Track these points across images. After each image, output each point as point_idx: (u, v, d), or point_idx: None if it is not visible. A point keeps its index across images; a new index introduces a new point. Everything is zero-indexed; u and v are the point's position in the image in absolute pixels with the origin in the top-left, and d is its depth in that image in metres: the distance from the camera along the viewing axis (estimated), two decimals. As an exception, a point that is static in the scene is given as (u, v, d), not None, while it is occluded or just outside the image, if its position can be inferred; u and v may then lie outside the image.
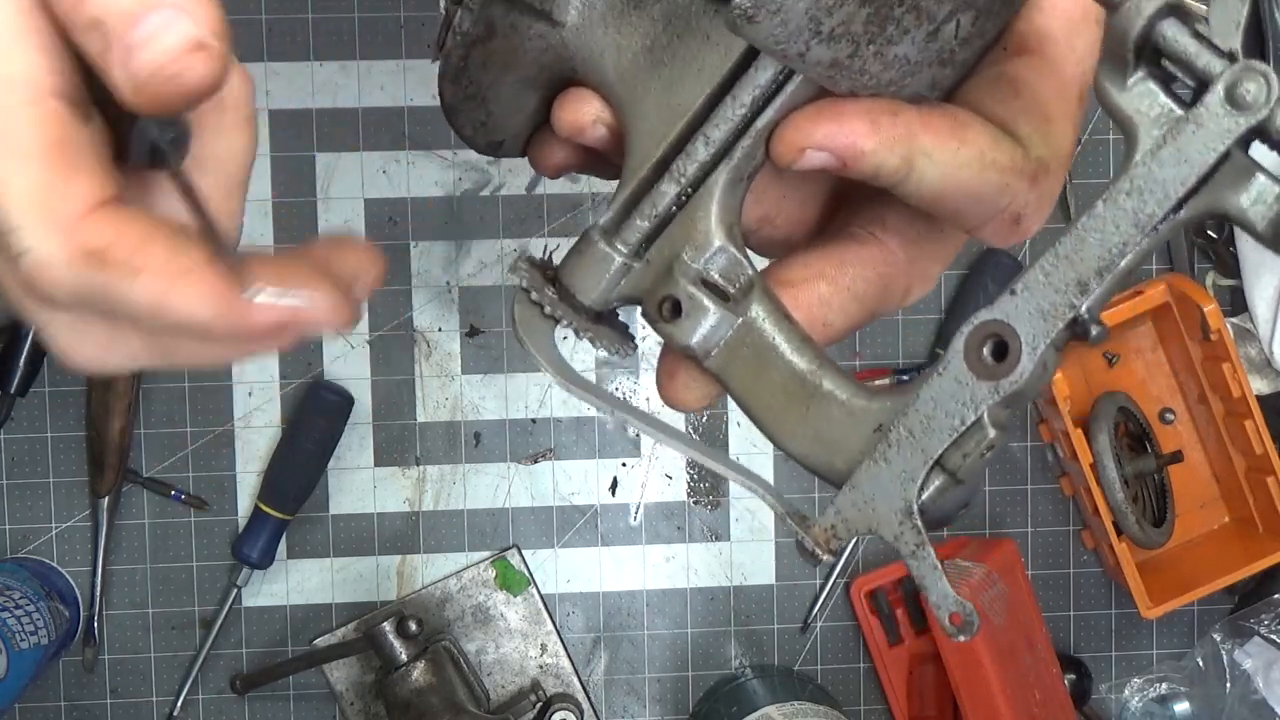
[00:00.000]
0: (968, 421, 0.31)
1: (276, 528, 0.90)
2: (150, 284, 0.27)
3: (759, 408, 0.34)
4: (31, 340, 0.86)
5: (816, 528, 0.33)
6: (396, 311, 0.92)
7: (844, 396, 0.33)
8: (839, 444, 0.33)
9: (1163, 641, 0.97)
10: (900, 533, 0.32)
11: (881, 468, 0.32)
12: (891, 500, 0.32)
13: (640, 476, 0.94)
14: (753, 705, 0.89)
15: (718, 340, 0.34)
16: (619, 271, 0.34)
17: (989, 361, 0.30)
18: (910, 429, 0.31)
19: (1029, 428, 0.96)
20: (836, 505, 0.33)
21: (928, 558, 0.31)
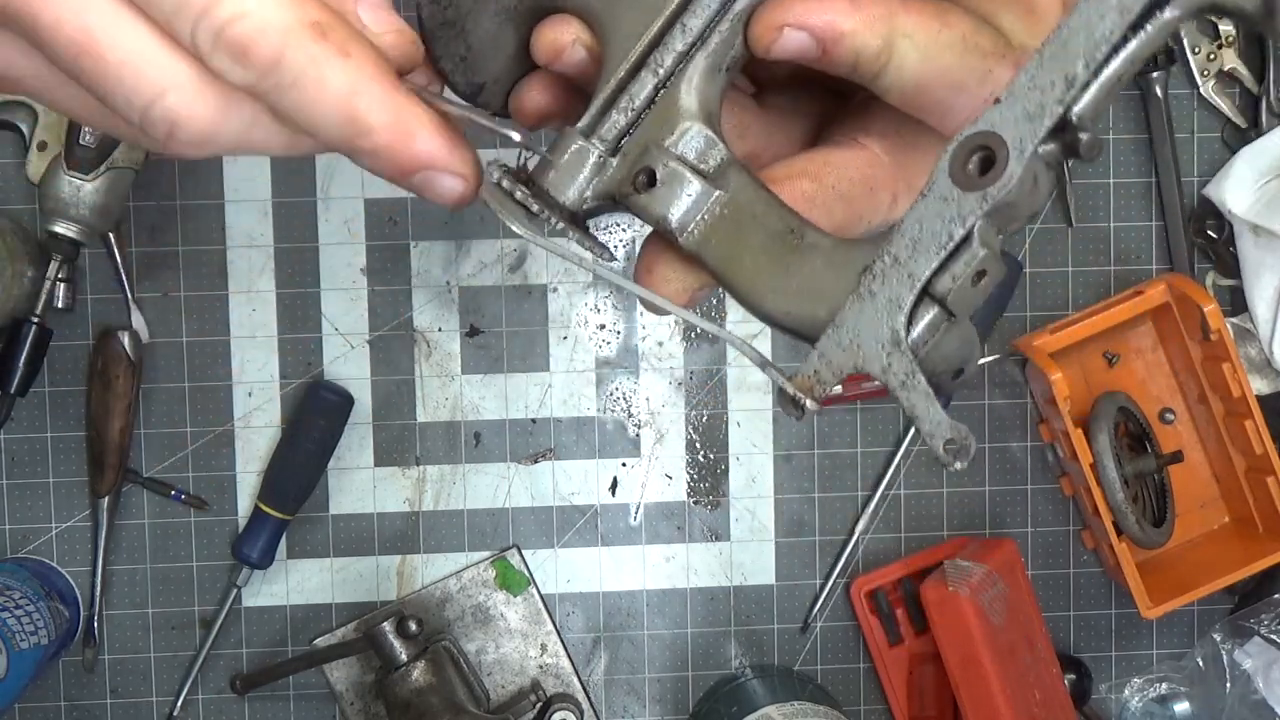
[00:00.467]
0: (955, 237, 0.29)
1: (276, 528, 0.90)
2: (351, 72, 0.29)
3: (739, 275, 0.33)
4: (32, 340, 0.86)
5: (799, 376, 0.31)
6: (396, 311, 0.92)
7: (827, 244, 0.32)
8: (823, 292, 0.31)
9: (1163, 641, 0.97)
10: (888, 364, 0.30)
11: (866, 301, 0.30)
12: (878, 332, 0.30)
13: (640, 476, 0.94)
14: (753, 705, 0.89)
15: (695, 214, 0.33)
16: (594, 167, 0.33)
17: (975, 175, 0.29)
18: (895, 255, 0.30)
19: (1029, 428, 0.96)
20: (819, 349, 0.31)
21: (919, 385, 0.30)
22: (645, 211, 0.33)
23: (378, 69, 0.29)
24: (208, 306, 0.91)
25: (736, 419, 0.94)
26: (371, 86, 0.29)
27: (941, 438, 0.30)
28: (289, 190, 0.91)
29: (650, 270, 0.34)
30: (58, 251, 0.86)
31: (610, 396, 0.94)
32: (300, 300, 0.92)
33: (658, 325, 0.94)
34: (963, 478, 0.96)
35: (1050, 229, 0.95)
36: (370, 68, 0.29)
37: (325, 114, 0.29)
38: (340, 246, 0.92)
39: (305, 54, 0.28)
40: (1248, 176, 0.92)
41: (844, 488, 0.95)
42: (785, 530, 0.95)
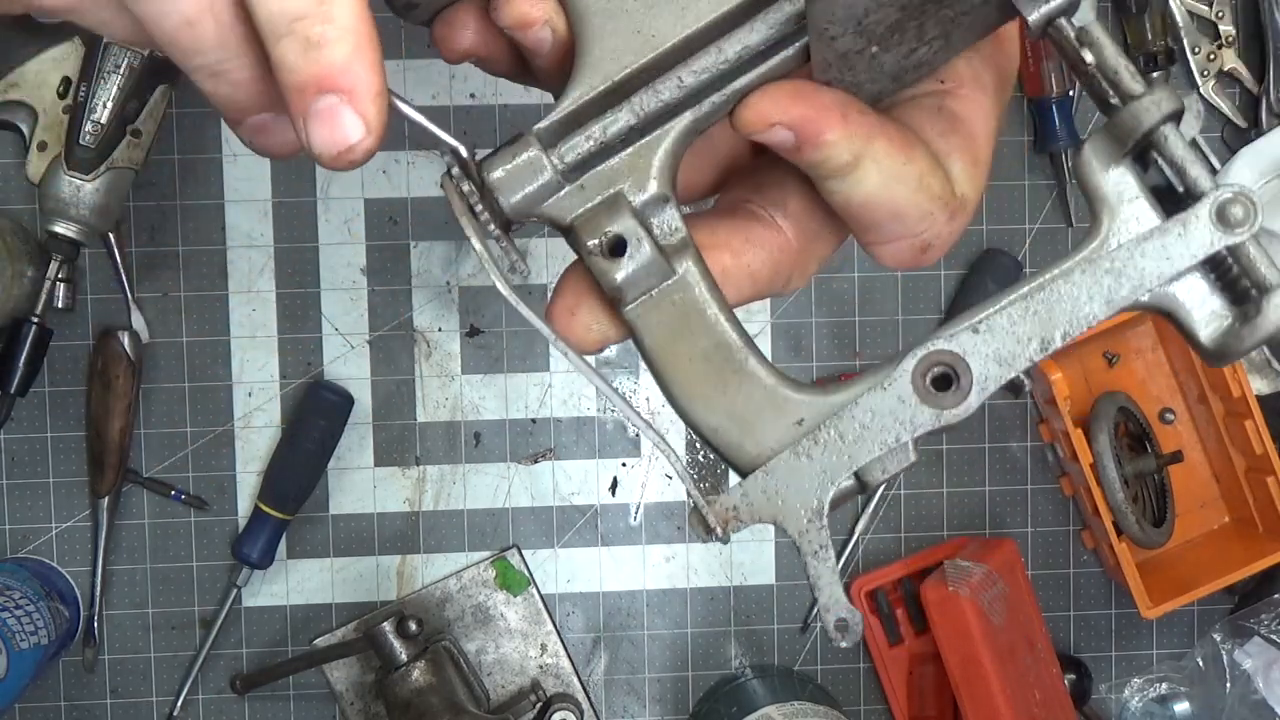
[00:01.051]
0: (901, 440, 0.31)
1: (276, 528, 0.90)
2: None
3: (673, 370, 0.33)
4: (32, 340, 0.86)
5: (718, 505, 0.32)
6: (396, 311, 0.92)
7: (769, 381, 0.32)
8: (754, 427, 0.32)
9: (1163, 641, 0.97)
10: (806, 530, 0.32)
11: (802, 463, 0.32)
12: (804, 496, 0.32)
13: (640, 476, 0.94)
14: (753, 705, 0.89)
15: (646, 289, 0.32)
16: (548, 186, 0.32)
17: (931, 389, 0.31)
18: (842, 433, 0.31)
19: (1029, 428, 0.96)
20: (745, 488, 0.32)
21: (828, 560, 0.32)
22: (603, 276, 0.32)
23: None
24: (208, 306, 0.91)
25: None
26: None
27: (835, 614, 0.32)
28: (289, 190, 0.91)
29: (573, 311, 0.34)
30: (58, 251, 0.86)
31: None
32: (300, 300, 0.91)
33: (658, 325, 0.94)
34: (963, 478, 0.96)
35: (1050, 229, 0.95)
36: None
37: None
38: (340, 246, 0.92)
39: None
40: (1248, 176, 0.92)
41: (844, 488, 0.95)
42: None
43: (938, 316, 0.95)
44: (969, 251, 0.94)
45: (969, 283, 0.93)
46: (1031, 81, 0.92)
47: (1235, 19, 0.94)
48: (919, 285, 0.94)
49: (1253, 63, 0.94)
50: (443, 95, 0.91)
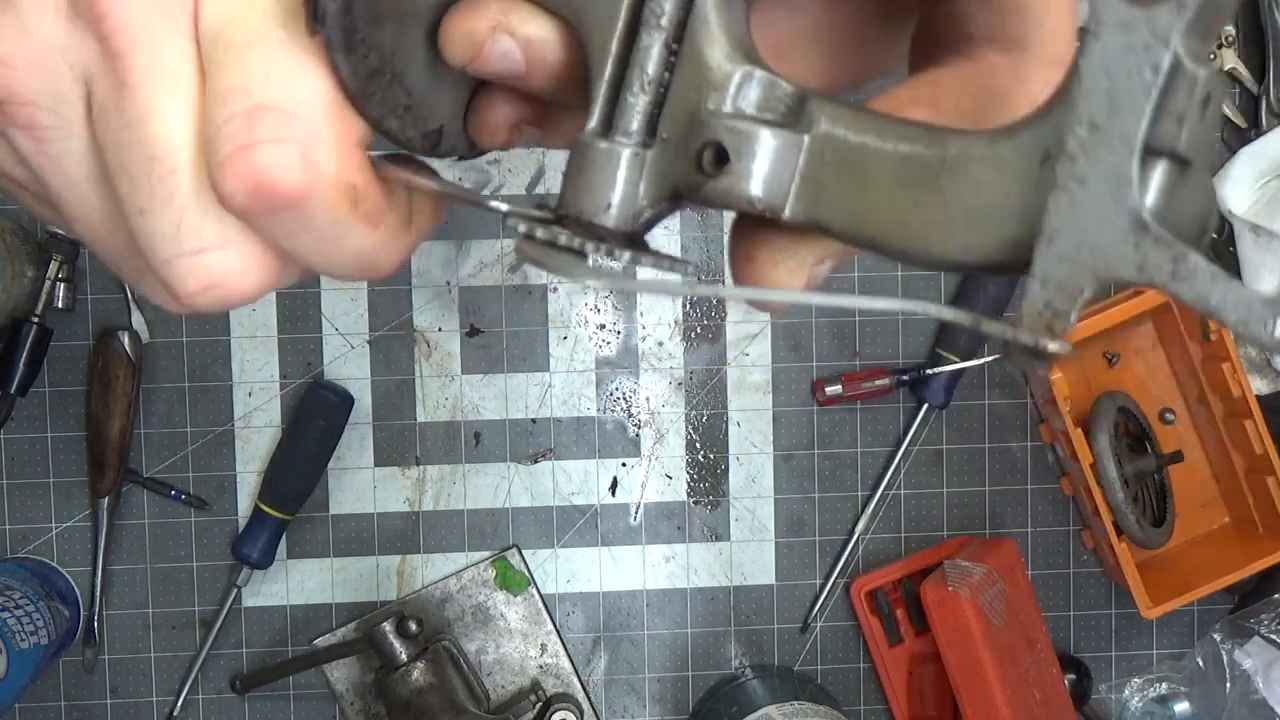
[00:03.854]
0: (1162, 67, 0.22)
1: (276, 528, 0.90)
2: (375, 239, 0.27)
3: (880, 226, 0.26)
4: (32, 340, 0.86)
5: (1024, 317, 0.24)
6: (396, 311, 0.92)
7: (982, 150, 0.25)
8: (1002, 208, 0.24)
9: (1163, 641, 0.97)
10: (1143, 257, 0.23)
11: (1075, 192, 0.23)
12: (1110, 224, 0.23)
13: (640, 476, 0.94)
14: (753, 705, 0.89)
15: (789, 176, 0.26)
16: (632, 166, 0.26)
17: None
18: (1091, 120, 0.23)
19: (1029, 428, 0.96)
20: (1038, 275, 0.24)
21: (1197, 266, 0.22)
22: (728, 196, 0.26)
23: (401, 230, 0.28)
24: (208, 306, 0.91)
25: (736, 419, 0.94)
26: (392, 250, 0.28)
27: (1262, 321, 0.22)
28: (289, 190, 0.91)
29: (751, 259, 0.28)
30: (58, 251, 0.86)
31: (610, 396, 0.94)
32: (300, 300, 0.91)
33: (658, 325, 0.94)
34: (963, 478, 0.96)
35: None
36: (395, 232, 0.27)
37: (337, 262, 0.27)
38: (340, 246, 0.92)
39: (330, 216, 0.25)
40: (1248, 176, 0.92)
41: (844, 488, 0.95)
42: (785, 530, 0.95)
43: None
44: (969, 251, 0.94)
45: (969, 283, 0.93)
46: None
47: (1235, 19, 0.94)
48: (919, 285, 0.94)
49: (1253, 63, 0.94)
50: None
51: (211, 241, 0.25)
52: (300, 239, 0.26)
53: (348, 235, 0.26)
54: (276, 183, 0.24)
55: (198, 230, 0.25)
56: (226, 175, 0.24)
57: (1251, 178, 0.92)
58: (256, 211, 0.24)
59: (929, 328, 0.95)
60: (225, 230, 0.25)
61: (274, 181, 0.24)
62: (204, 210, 0.25)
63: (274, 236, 0.25)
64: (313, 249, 0.26)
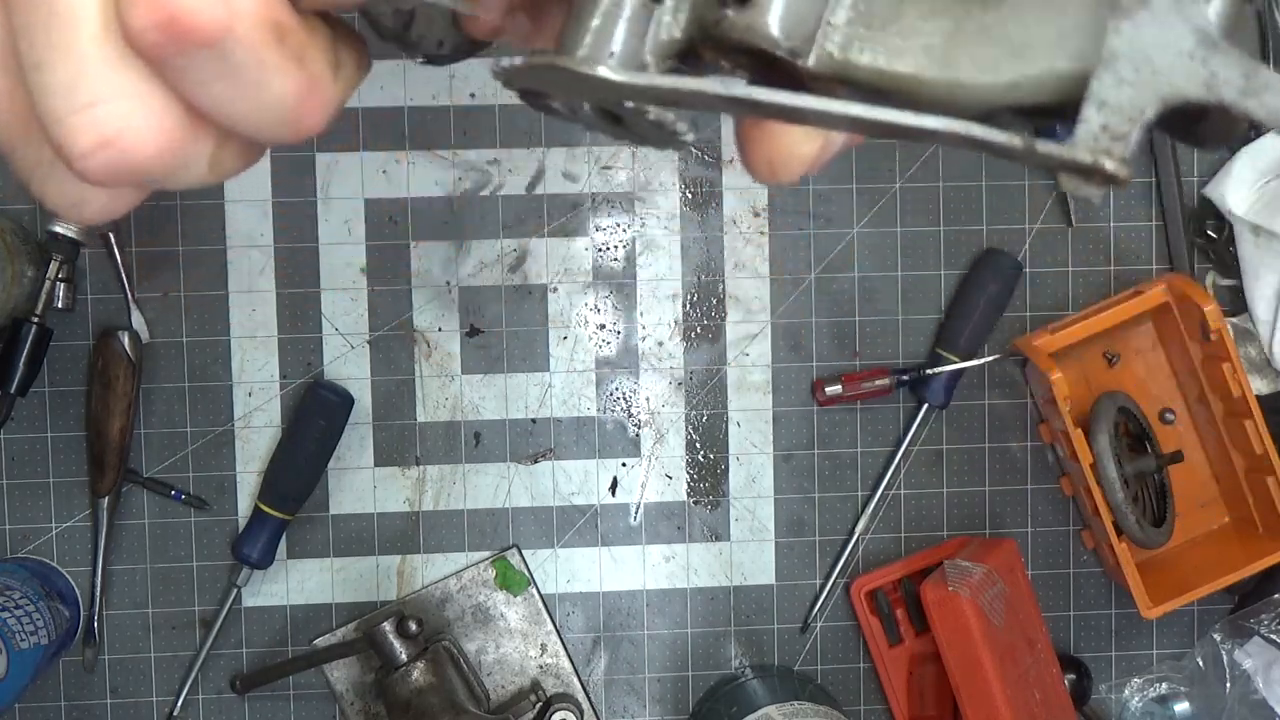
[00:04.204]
0: None
1: (276, 528, 0.90)
2: (300, 83, 0.24)
3: (915, 66, 0.24)
4: (32, 340, 0.86)
5: (1080, 142, 0.22)
6: (396, 311, 0.92)
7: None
8: (1053, 41, 0.23)
9: (1163, 641, 0.97)
10: (1212, 73, 0.22)
11: (1138, 15, 0.22)
12: (1175, 42, 0.22)
13: (640, 476, 0.94)
14: (753, 705, 0.89)
15: (815, 18, 0.24)
16: (637, 14, 0.24)
17: None
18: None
19: (1029, 428, 0.96)
20: (1094, 98, 0.22)
21: (1273, 82, 0.21)
22: (750, 32, 0.24)
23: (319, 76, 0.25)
24: (208, 306, 0.91)
25: (736, 419, 0.94)
26: (315, 99, 0.25)
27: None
28: (289, 190, 0.91)
29: (761, 123, 0.26)
30: (58, 251, 0.86)
31: (610, 396, 0.94)
32: (300, 300, 0.92)
33: (658, 325, 0.94)
34: (963, 478, 0.96)
35: (1050, 229, 0.95)
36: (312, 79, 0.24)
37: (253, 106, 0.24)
38: (340, 246, 0.92)
39: (254, 54, 0.23)
40: (1248, 176, 0.92)
41: (844, 488, 0.95)
42: (785, 530, 0.95)
43: (938, 316, 0.95)
44: (969, 251, 0.94)
45: (969, 282, 0.93)
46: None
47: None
48: (919, 285, 0.94)
49: (1253, 63, 0.94)
50: (442, 95, 0.91)
51: (107, 93, 0.23)
52: (215, 86, 0.23)
53: (271, 79, 0.24)
54: (193, 17, 0.22)
55: (94, 82, 0.23)
56: (137, 8, 0.22)
57: (1251, 178, 0.92)
58: (168, 51, 0.23)
59: (929, 327, 0.95)
60: (124, 81, 0.23)
61: (190, 15, 0.22)
62: (104, 60, 0.23)
63: (186, 85, 0.24)
64: (230, 97, 0.24)
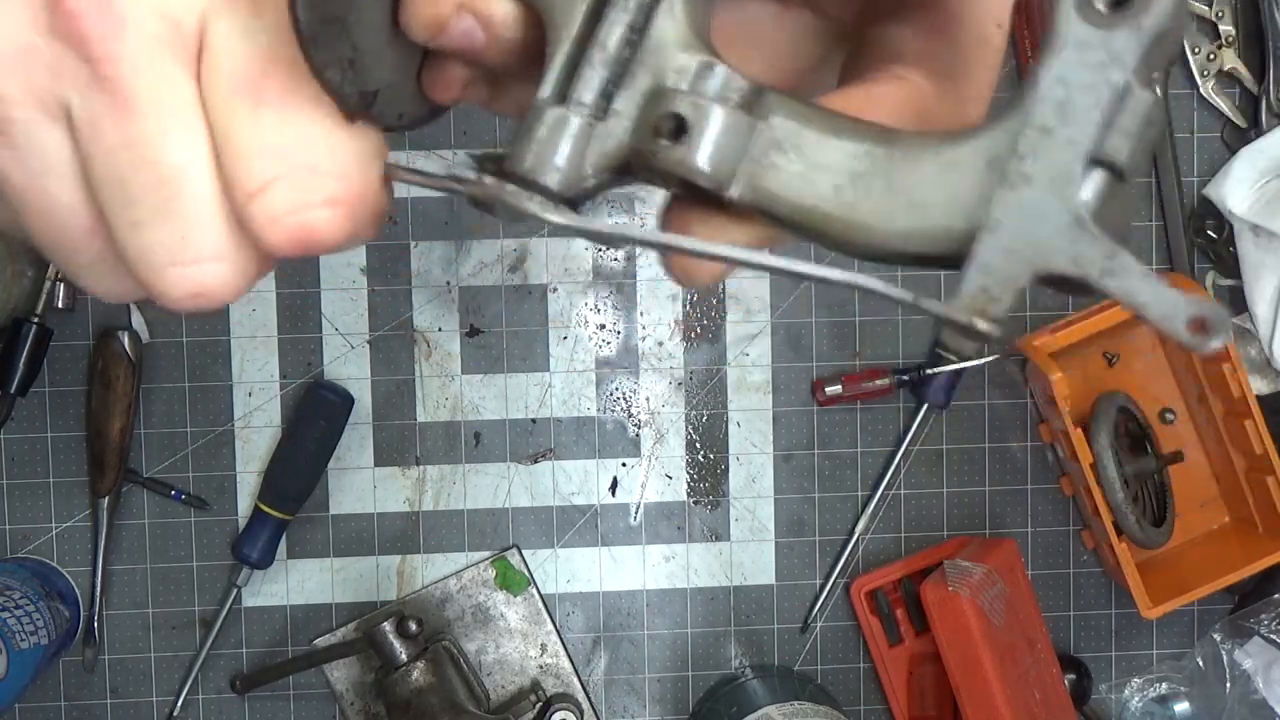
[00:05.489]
0: (1117, 83, 0.24)
1: (276, 528, 0.90)
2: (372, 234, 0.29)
3: (824, 213, 0.27)
4: (32, 340, 0.86)
5: (962, 302, 0.25)
6: (396, 311, 0.92)
7: (931, 148, 0.26)
8: (948, 201, 0.26)
9: (1163, 641, 0.97)
10: (1078, 253, 0.24)
11: (1022, 190, 0.24)
12: (1050, 220, 0.24)
13: (640, 476, 0.94)
14: (753, 705, 0.89)
15: (740, 155, 0.27)
16: (582, 134, 0.27)
17: (1108, 10, 0.24)
18: (1044, 126, 0.24)
19: (1029, 428, 0.96)
20: (979, 260, 0.25)
21: (1128, 265, 0.24)
22: (680, 165, 0.27)
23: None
24: (208, 306, 0.91)
25: (736, 419, 0.94)
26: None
27: (1182, 319, 0.24)
28: (289, 190, 0.91)
29: (684, 234, 0.29)
30: (58, 251, 0.86)
31: (610, 396, 0.94)
32: (300, 300, 0.92)
33: (658, 325, 0.94)
34: (963, 478, 0.96)
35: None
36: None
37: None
38: (340, 246, 0.92)
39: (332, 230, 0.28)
40: (1248, 176, 0.92)
41: (844, 488, 0.95)
42: (785, 530, 0.95)
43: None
44: (969, 251, 0.94)
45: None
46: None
47: (1235, 19, 0.94)
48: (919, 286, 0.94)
49: (1253, 63, 0.94)
50: (443, 95, 0.91)
51: (209, 253, 0.27)
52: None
53: (362, 240, 0.29)
54: (325, 238, 0.27)
55: (200, 243, 0.27)
56: (278, 230, 0.27)
57: (1251, 178, 0.92)
58: (296, 254, 0.27)
59: (929, 328, 0.95)
60: (223, 245, 0.28)
61: (324, 237, 0.27)
62: (208, 228, 0.27)
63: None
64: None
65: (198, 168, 0.27)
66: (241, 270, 0.28)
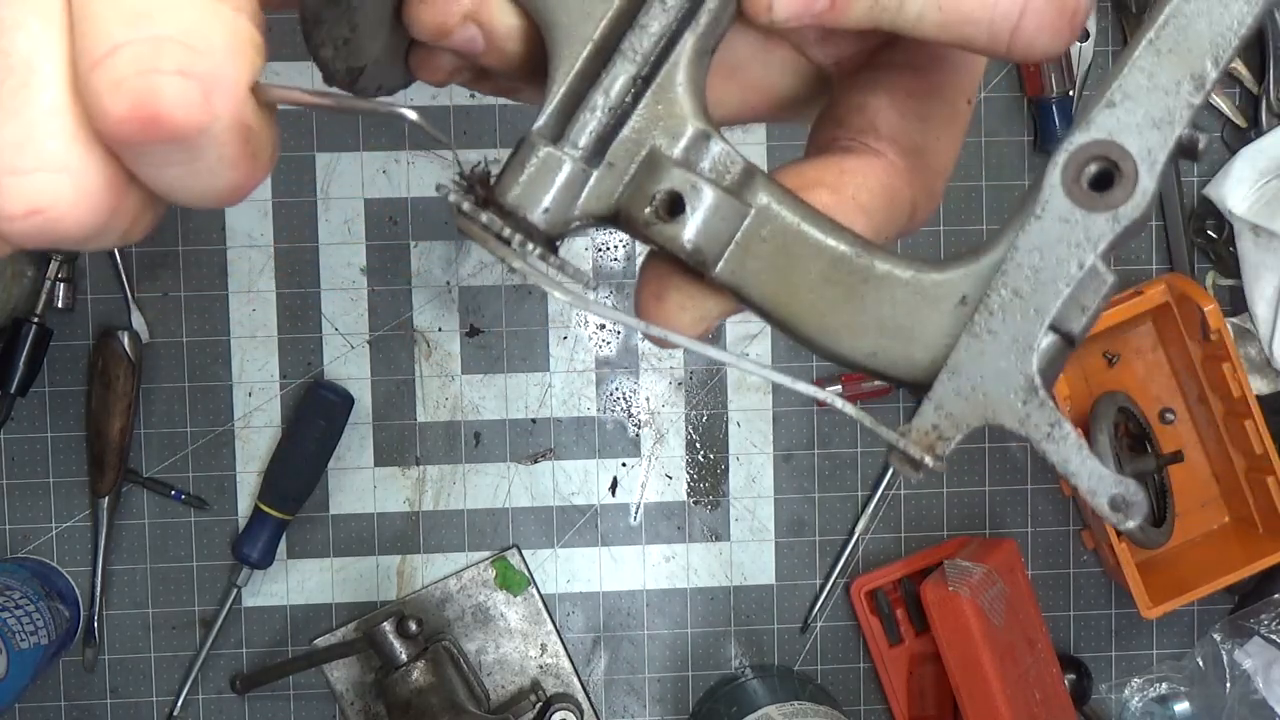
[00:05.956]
0: (1085, 265, 0.26)
1: (276, 528, 0.90)
2: (250, 173, 0.25)
3: (798, 311, 0.28)
4: (32, 340, 0.86)
5: (914, 432, 0.27)
6: (396, 311, 0.92)
7: (907, 275, 0.27)
8: (913, 330, 0.27)
9: (1163, 641, 0.97)
10: (1026, 415, 0.26)
11: (986, 342, 0.26)
12: (1007, 379, 0.26)
13: (640, 476, 0.94)
14: (753, 705, 0.89)
15: (727, 240, 0.28)
16: (575, 180, 0.28)
17: (1093, 192, 0.26)
18: (1015, 289, 0.26)
19: (1029, 428, 0.96)
20: (934, 400, 0.27)
21: (1067, 437, 0.26)
22: (671, 242, 0.28)
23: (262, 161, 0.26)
24: (208, 306, 0.91)
25: (736, 419, 0.94)
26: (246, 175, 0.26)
27: (1105, 494, 0.26)
28: (289, 190, 0.91)
29: (660, 298, 0.29)
30: (58, 251, 0.86)
31: (610, 396, 0.94)
32: (300, 300, 0.92)
33: (658, 325, 0.94)
34: (963, 478, 0.96)
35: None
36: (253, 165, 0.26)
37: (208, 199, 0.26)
38: (340, 246, 0.92)
39: (224, 151, 0.25)
40: (1248, 176, 0.92)
41: (844, 488, 0.95)
42: (785, 530, 0.95)
43: (938, 316, 0.95)
44: (969, 251, 0.94)
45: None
46: (1032, 81, 0.92)
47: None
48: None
49: (1253, 63, 0.94)
50: (442, 95, 0.91)
51: (50, 162, 0.24)
52: (169, 170, 0.25)
53: (226, 170, 0.25)
54: (173, 115, 0.23)
55: (40, 148, 0.24)
56: (119, 97, 0.23)
57: (1251, 178, 0.92)
58: (138, 139, 0.24)
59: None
60: (68, 153, 0.24)
61: (171, 114, 0.23)
62: (52, 131, 0.24)
63: (138, 165, 0.25)
64: (182, 181, 0.25)
65: (50, 58, 0.24)
66: (89, 189, 0.24)
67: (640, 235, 0.28)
